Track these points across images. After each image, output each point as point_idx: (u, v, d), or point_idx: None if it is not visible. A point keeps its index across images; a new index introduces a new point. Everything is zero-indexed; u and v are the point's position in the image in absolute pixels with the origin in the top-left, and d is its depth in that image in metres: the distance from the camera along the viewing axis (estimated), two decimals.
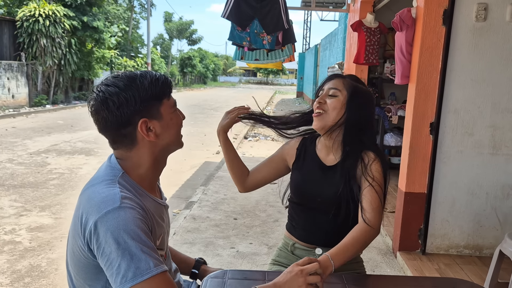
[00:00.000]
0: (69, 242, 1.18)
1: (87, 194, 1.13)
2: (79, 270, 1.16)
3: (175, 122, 1.24)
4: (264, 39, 3.98)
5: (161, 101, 1.19)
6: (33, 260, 3.34)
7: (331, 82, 1.58)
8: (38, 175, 5.86)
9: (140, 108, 1.14)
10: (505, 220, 3.26)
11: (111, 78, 1.17)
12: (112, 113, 1.13)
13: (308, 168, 1.64)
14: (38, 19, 14.12)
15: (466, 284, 1.35)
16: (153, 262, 1.02)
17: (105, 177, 1.15)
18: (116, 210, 1.04)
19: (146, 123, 1.16)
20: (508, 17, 2.99)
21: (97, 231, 1.03)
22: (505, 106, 3.12)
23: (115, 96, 1.12)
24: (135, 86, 1.14)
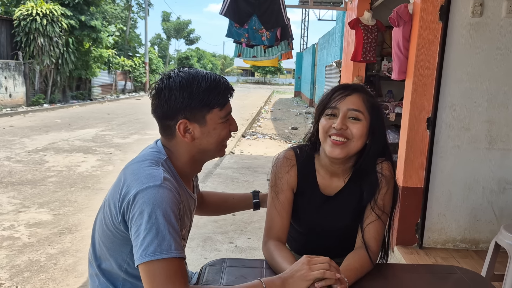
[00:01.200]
0: (102, 212, 1.23)
1: (132, 169, 1.18)
2: (105, 240, 1.21)
3: (218, 132, 1.23)
4: (263, 35, 3.99)
5: (211, 109, 1.20)
6: (32, 255, 3.35)
7: (350, 101, 1.32)
8: (36, 173, 5.86)
9: (186, 109, 1.18)
10: (501, 214, 3.28)
11: (177, 71, 1.21)
12: (161, 103, 1.19)
13: (309, 199, 1.45)
14: (36, 18, 14.10)
15: (461, 270, 1.37)
16: (175, 245, 1.06)
17: (150, 158, 1.21)
18: (156, 187, 1.09)
19: (186, 124, 1.20)
20: (504, 12, 3.02)
21: (135, 202, 1.09)
22: (501, 101, 3.14)
23: (168, 90, 1.18)
24: (190, 87, 1.17)
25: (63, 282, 2.97)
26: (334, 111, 1.33)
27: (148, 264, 1.03)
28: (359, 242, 1.37)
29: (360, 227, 1.39)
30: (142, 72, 25.65)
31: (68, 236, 3.76)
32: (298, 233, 1.56)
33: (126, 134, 9.70)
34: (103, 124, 11.18)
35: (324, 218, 1.46)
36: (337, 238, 1.51)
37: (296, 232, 1.56)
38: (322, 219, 1.46)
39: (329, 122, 1.33)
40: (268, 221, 1.43)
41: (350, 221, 1.42)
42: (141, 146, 6.99)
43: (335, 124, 1.30)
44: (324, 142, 1.35)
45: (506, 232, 2.24)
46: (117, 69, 22.83)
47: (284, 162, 1.46)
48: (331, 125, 1.32)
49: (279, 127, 12.05)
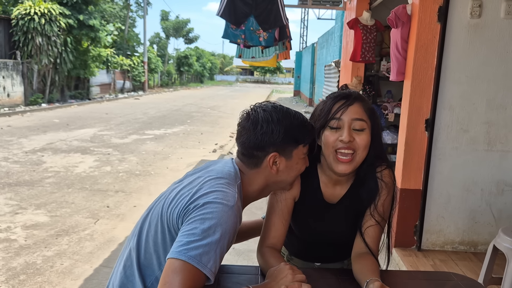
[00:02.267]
0: (161, 205, 1.24)
1: (210, 180, 1.20)
2: (156, 234, 1.21)
3: (298, 168, 1.30)
4: (260, 36, 3.97)
5: (297, 145, 1.27)
6: (28, 258, 3.33)
7: (353, 111, 1.29)
8: (33, 174, 5.83)
9: (279, 143, 1.24)
10: (500, 216, 3.27)
11: (270, 107, 1.28)
12: (256, 135, 1.24)
13: (312, 207, 1.44)
14: (34, 18, 14.06)
15: (458, 277, 1.36)
16: (213, 264, 1.07)
17: (228, 176, 1.23)
18: (228, 207, 1.12)
19: (275, 157, 1.25)
20: (503, 13, 3.00)
21: (203, 208, 1.10)
22: (500, 102, 3.13)
23: (266, 123, 1.23)
24: (285, 123, 1.24)
25: (59, 285, 2.95)
26: (339, 123, 1.29)
27: (179, 261, 1.03)
28: (360, 246, 1.37)
29: (359, 231, 1.38)
30: (141, 72, 25.62)
31: (65, 238, 3.74)
32: (299, 239, 1.55)
33: (124, 134, 9.68)
34: (102, 124, 11.16)
35: (327, 226, 1.45)
36: (337, 244, 1.51)
37: (296, 238, 1.54)
38: (325, 227, 1.45)
39: (335, 135, 1.30)
40: (265, 228, 1.41)
41: (351, 227, 1.42)
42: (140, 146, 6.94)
43: (342, 137, 1.28)
44: (329, 157, 1.32)
45: (504, 236, 2.22)
46: (116, 69, 22.78)
47: None
48: (337, 139, 1.29)
49: None
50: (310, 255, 1.57)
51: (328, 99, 1.37)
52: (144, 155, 7.39)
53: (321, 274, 1.37)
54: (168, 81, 35.43)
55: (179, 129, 10.71)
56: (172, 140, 9.06)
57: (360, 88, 5.70)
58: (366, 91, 5.72)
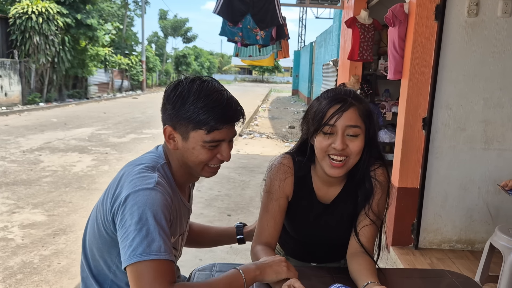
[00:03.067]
0: (95, 212, 1.24)
1: (128, 171, 1.19)
2: (95, 240, 1.21)
3: (196, 154, 1.19)
4: (257, 34, 3.97)
5: (196, 129, 1.16)
6: (25, 257, 3.32)
7: (347, 117, 1.26)
8: (31, 173, 5.82)
9: (174, 117, 1.18)
10: (497, 215, 3.27)
11: (190, 80, 1.20)
12: (162, 108, 1.22)
13: (305, 208, 1.44)
14: (31, 17, 14.02)
15: (453, 274, 1.36)
16: (164, 247, 1.05)
17: (148, 162, 1.21)
18: (148, 190, 1.10)
19: (170, 131, 1.20)
20: (500, 12, 3.00)
21: (126, 203, 1.09)
22: (497, 101, 3.13)
23: (167, 95, 1.20)
24: (186, 99, 1.16)
25: (56, 284, 2.95)
26: (332, 129, 1.26)
27: (136, 265, 1.02)
28: (355, 246, 1.36)
29: (354, 231, 1.37)
30: (139, 71, 25.59)
31: (62, 237, 3.73)
32: (294, 240, 1.54)
33: (122, 133, 9.67)
34: (99, 123, 11.14)
35: (322, 226, 1.45)
36: (333, 244, 1.51)
37: (292, 238, 1.54)
38: (320, 227, 1.45)
39: (327, 141, 1.27)
40: (259, 227, 1.41)
41: (346, 227, 1.42)
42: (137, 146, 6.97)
43: (334, 144, 1.26)
44: (322, 160, 1.31)
45: (501, 234, 2.23)
46: (114, 68, 22.75)
47: (281, 168, 1.41)
48: (329, 144, 1.27)
49: (276, 126, 12.03)
50: (306, 255, 1.57)
51: (322, 100, 1.32)
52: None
53: (316, 273, 1.37)
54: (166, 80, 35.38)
55: None
56: None
57: (358, 87, 5.70)
58: (364, 90, 5.73)
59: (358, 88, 5.70)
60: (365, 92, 5.75)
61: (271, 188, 1.41)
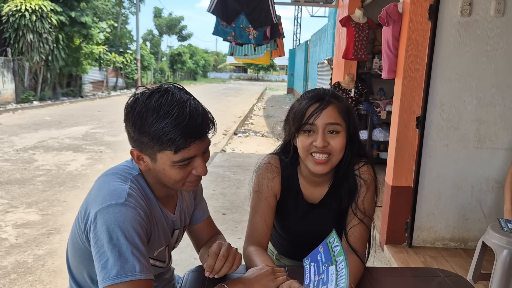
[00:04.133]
0: (74, 224, 1.20)
1: (98, 183, 1.14)
2: (75, 252, 1.19)
3: (168, 174, 1.11)
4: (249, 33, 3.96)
5: (163, 151, 1.07)
6: (19, 257, 3.31)
7: (326, 115, 1.27)
8: (25, 172, 5.79)
9: (136, 140, 1.10)
10: (490, 213, 3.30)
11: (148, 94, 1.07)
12: (125, 125, 1.13)
13: (293, 208, 1.45)
14: (25, 14, 13.91)
15: (444, 273, 1.37)
16: (139, 266, 1.02)
17: (120, 172, 1.16)
18: (118, 206, 1.04)
19: (138, 153, 1.13)
20: (493, 12, 3.02)
21: (96, 222, 1.04)
22: (489, 100, 3.16)
23: (126, 114, 1.11)
24: (146, 119, 1.05)
25: (50, 284, 2.94)
26: (312, 127, 1.28)
27: (111, 287, 0.99)
28: (345, 245, 1.37)
29: (343, 232, 1.38)
30: (134, 69, 25.48)
31: (56, 237, 3.72)
32: (285, 239, 1.56)
33: (117, 132, 9.63)
34: (94, 122, 11.09)
35: (309, 226, 1.46)
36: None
37: (283, 238, 1.55)
38: (307, 227, 1.46)
39: (308, 139, 1.29)
40: (250, 227, 1.42)
41: (335, 226, 1.42)
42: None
43: (316, 142, 1.27)
44: (305, 159, 1.33)
45: (493, 232, 2.25)
46: (108, 66, 22.64)
47: (268, 167, 1.44)
48: (311, 143, 1.29)
49: (271, 124, 12.03)
50: (297, 254, 1.58)
51: (302, 100, 1.34)
52: None
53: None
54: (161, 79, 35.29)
55: None
56: None
57: (352, 86, 5.72)
58: (358, 88, 5.75)
59: (353, 86, 5.72)
60: (359, 91, 5.77)
61: (259, 188, 1.42)
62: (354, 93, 5.72)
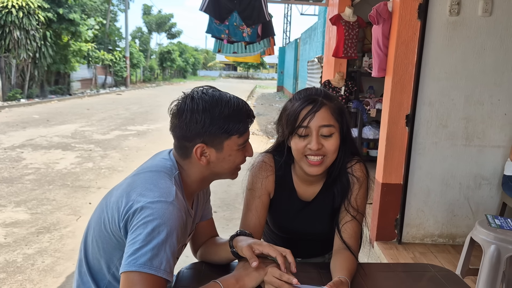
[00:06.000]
0: (102, 211, 1.20)
1: (144, 177, 1.16)
2: (100, 239, 1.19)
3: (233, 159, 1.22)
4: (244, 31, 3.97)
5: (230, 136, 1.18)
6: (8, 256, 3.27)
7: (320, 117, 1.28)
8: (13, 170, 5.72)
9: (205, 133, 1.16)
10: (477, 209, 3.36)
11: (201, 93, 1.19)
12: (181, 124, 1.17)
13: (286, 205, 1.47)
14: (11, 11, 13.69)
15: (435, 268, 1.40)
16: (165, 265, 1.04)
17: (163, 169, 1.19)
18: (167, 203, 1.08)
19: (203, 148, 1.18)
20: (480, 11, 3.07)
21: (142, 212, 1.06)
22: (477, 98, 3.21)
23: (190, 112, 1.16)
24: (212, 112, 1.15)
25: (40, 283, 2.92)
26: (306, 130, 1.29)
27: (133, 273, 1.01)
28: (338, 243, 1.39)
29: (336, 228, 1.40)
30: (123, 66, 25.26)
31: (46, 236, 3.69)
32: (278, 236, 1.57)
33: (106, 130, 9.56)
34: (83, 120, 10.99)
35: (303, 223, 1.48)
36: (317, 240, 1.53)
37: (275, 234, 1.57)
38: (301, 224, 1.48)
39: (303, 142, 1.30)
40: (242, 224, 1.43)
41: (328, 224, 1.45)
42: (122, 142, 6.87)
43: (310, 145, 1.29)
44: (300, 161, 1.34)
45: (481, 228, 2.29)
46: (97, 63, 22.41)
47: (262, 166, 1.45)
48: (305, 146, 1.30)
49: (261, 122, 12.04)
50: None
51: (294, 101, 1.34)
52: (127, 151, 7.31)
53: (303, 268, 1.39)
54: (150, 77, 35.04)
55: (162, 125, 10.62)
56: (155, 136, 8.99)
57: (342, 84, 5.75)
58: (348, 86, 5.78)
59: (343, 85, 5.75)
60: (349, 89, 5.81)
61: (253, 186, 1.43)
62: (344, 91, 5.76)
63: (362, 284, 1.27)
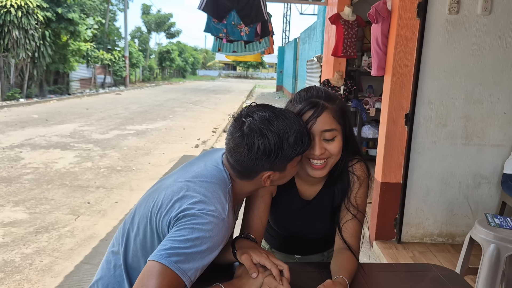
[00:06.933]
0: (149, 207, 1.19)
1: (200, 186, 1.15)
2: (143, 236, 1.19)
3: (292, 173, 1.25)
4: (241, 30, 3.95)
5: (294, 159, 1.19)
6: (6, 256, 3.26)
7: (321, 122, 1.26)
8: (11, 170, 5.70)
9: (272, 163, 1.16)
10: (477, 208, 3.35)
11: (267, 121, 1.14)
12: (251, 157, 1.14)
13: (287, 204, 1.47)
14: (10, 10, 13.67)
15: (438, 268, 1.39)
16: (193, 273, 1.06)
17: (219, 181, 1.18)
18: (220, 219, 1.09)
19: (270, 174, 1.19)
20: (480, 10, 3.06)
21: (194, 218, 1.08)
22: (476, 97, 3.20)
23: (262, 147, 1.12)
24: (281, 145, 1.14)
25: (38, 283, 2.91)
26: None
27: (160, 265, 1.02)
28: (339, 242, 1.38)
29: (337, 227, 1.40)
30: (122, 66, 25.23)
31: (44, 235, 3.68)
32: (278, 233, 1.57)
33: (105, 129, 9.54)
34: (82, 119, 10.97)
35: (303, 222, 1.47)
36: (317, 238, 1.53)
37: (275, 232, 1.56)
38: (301, 223, 1.48)
39: None
40: (243, 225, 1.41)
41: (328, 222, 1.44)
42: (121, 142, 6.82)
43: (313, 150, 1.27)
44: (303, 163, 1.33)
45: (480, 227, 2.28)
46: (96, 63, 22.38)
47: None
48: (308, 150, 1.27)
49: None
50: (289, 248, 1.60)
51: (295, 104, 1.31)
52: (126, 151, 7.30)
53: (303, 268, 1.39)
54: (150, 76, 34.99)
55: (161, 124, 10.61)
56: (154, 136, 8.98)
57: (342, 83, 5.74)
58: (347, 85, 5.77)
59: (342, 84, 5.74)
60: (348, 88, 5.80)
61: None
62: (343, 90, 5.75)
63: (364, 285, 1.26)
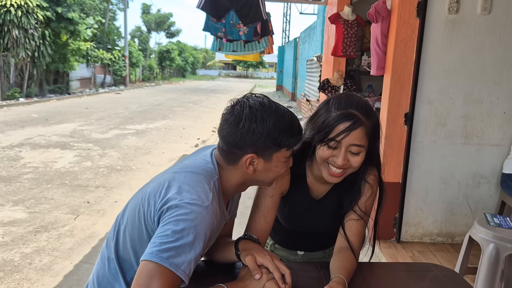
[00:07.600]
0: (137, 202, 1.22)
1: (184, 177, 1.17)
2: (132, 230, 1.21)
3: (277, 170, 1.24)
4: (240, 30, 3.95)
5: (279, 149, 1.19)
6: (5, 255, 3.26)
7: (353, 136, 1.25)
8: (11, 169, 5.70)
9: (258, 144, 1.17)
10: (476, 208, 3.35)
11: (258, 103, 1.18)
12: (236, 133, 1.17)
13: (297, 201, 1.47)
14: (10, 10, 13.66)
15: (437, 268, 1.39)
16: (186, 266, 1.06)
17: (204, 172, 1.20)
18: (202, 208, 1.10)
19: (253, 158, 1.19)
20: (479, 9, 3.06)
21: (177, 210, 1.09)
22: (476, 96, 3.20)
23: (248, 121, 1.15)
24: (270, 124, 1.16)
25: (38, 282, 2.91)
26: (336, 144, 1.27)
27: (152, 264, 1.03)
28: (340, 241, 1.39)
29: (341, 225, 1.40)
30: (122, 66, 25.22)
31: (44, 235, 3.68)
32: (283, 228, 1.57)
33: (105, 129, 9.54)
34: (82, 119, 10.97)
35: (310, 220, 1.48)
36: (320, 234, 1.55)
37: (281, 226, 1.57)
38: (308, 220, 1.49)
39: (329, 152, 1.29)
40: (249, 223, 1.41)
41: (333, 219, 1.45)
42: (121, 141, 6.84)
43: (336, 159, 1.28)
44: (321, 165, 1.33)
45: (479, 226, 2.28)
46: (96, 62, 22.37)
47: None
48: (331, 156, 1.29)
49: None
50: (293, 244, 1.61)
51: (333, 110, 1.29)
52: (126, 150, 7.30)
53: (304, 268, 1.39)
54: (149, 76, 34.98)
55: (161, 124, 10.61)
56: (153, 135, 8.98)
57: (341, 83, 5.74)
58: (347, 85, 5.77)
59: (342, 83, 5.74)
60: (348, 88, 5.80)
61: None
62: (343, 90, 5.74)
63: (364, 284, 1.26)
